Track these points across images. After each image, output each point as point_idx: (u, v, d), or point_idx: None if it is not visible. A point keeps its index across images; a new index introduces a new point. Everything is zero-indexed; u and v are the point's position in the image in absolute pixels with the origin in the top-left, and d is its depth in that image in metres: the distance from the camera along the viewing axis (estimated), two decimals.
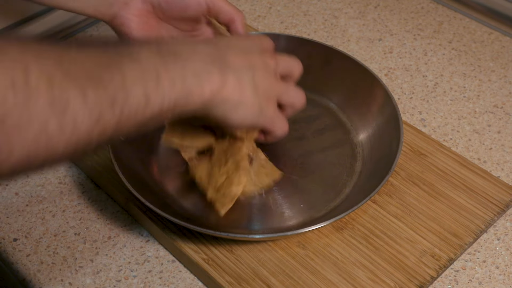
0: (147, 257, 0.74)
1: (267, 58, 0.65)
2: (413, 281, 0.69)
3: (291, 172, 0.79)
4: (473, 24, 1.06)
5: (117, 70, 0.50)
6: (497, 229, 0.77)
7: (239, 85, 0.61)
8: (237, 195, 0.71)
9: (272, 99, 0.65)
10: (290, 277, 0.69)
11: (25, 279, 0.72)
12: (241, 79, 0.61)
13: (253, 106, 0.62)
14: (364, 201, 0.70)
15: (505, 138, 0.88)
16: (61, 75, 0.46)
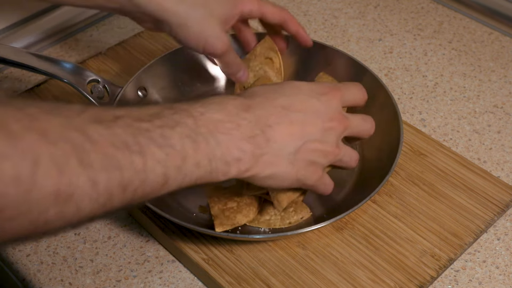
0: (147, 257, 0.74)
1: (334, 123, 0.63)
2: (413, 281, 0.69)
3: None
4: (473, 24, 1.06)
5: (139, 154, 0.49)
6: (497, 229, 0.77)
7: (274, 160, 0.60)
8: (240, 224, 0.72)
9: (320, 167, 0.64)
10: (290, 277, 0.69)
11: (25, 279, 0.72)
12: (278, 154, 0.60)
13: (288, 175, 0.61)
14: (364, 201, 0.70)
15: (505, 138, 0.88)
16: (75, 163, 0.44)
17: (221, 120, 0.56)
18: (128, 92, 0.82)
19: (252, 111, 0.59)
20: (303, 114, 0.62)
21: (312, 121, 0.62)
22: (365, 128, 0.68)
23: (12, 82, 0.96)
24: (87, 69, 0.81)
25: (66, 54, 1.01)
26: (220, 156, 0.55)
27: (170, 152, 0.51)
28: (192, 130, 0.54)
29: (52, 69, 0.80)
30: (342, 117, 0.65)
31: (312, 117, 0.62)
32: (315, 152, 0.62)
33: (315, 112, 0.63)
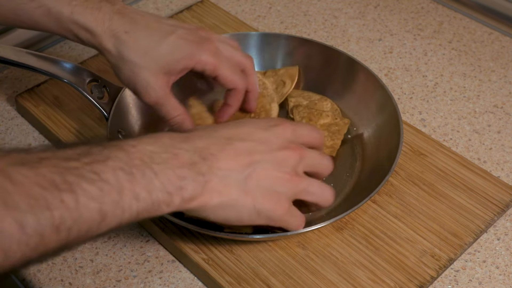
0: (147, 257, 0.74)
1: (287, 152, 0.61)
2: (413, 281, 0.69)
3: None
4: (473, 24, 1.06)
5: (70, 192, 0.47)
6: (497, 229, 0.77)
7: (222, 188, 0.57)
8: None
9: (284, 198, 0.61)
10: (290, 277, 0.69)
11: (25, 279, 0.72)
12: (226, 182, 0.57)
13: (244, 206, 0.58)
14: (364, 201, 0.70)
15: (505, 138, 0.88)
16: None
17: (156, 151, 0.54)
18: (128, 92, 0.82)
19: (191, 142, 0.57)
20: (248, 142, 0.60)
21: (261, 149, 0.60)
22: (323, 162, 0.65)
23: (12, 82, 0.96)
24: (87, 69, 0.81)
25: (66, 54, 1.01)
26: (160, 186, 0.53)
27: (104, 187, 0.49)
28: (125, 163, 0.51)
29: (52, 69, 0.80)
30: (295, 146, 0.62)
31: (259, 145, 0.60)
32: (270, 180, 0.59)
33: (263, 141, 0.60)
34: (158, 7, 1.10)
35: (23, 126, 0.90)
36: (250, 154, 0.59)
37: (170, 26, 0.72)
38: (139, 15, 0.72)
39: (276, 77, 0.88)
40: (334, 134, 0.81)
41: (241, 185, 0.58)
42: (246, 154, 0.59)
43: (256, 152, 0.59)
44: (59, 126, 0.86)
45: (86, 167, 0.49)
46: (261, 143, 0.60)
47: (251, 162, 0.59)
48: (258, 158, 0.59)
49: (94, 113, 0.87)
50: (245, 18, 1.07)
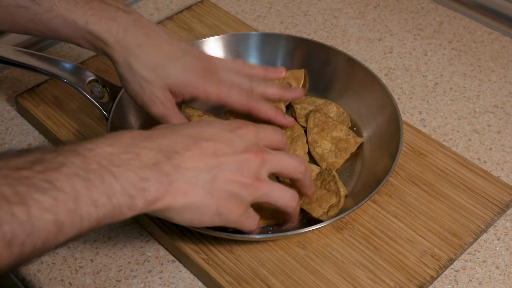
0: (147, 257, 0.74)
1: (249, 155, 0.60)
2: (413, 281, 0.69)
3: None
4: (473, 24, 1.06)
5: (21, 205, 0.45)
6: (497, 229, 0.77)
7: (188, 189, 0.55)
8: None
9: (243, 202, 0.60)
10: (290, 277, 0.69)
11: (25, 279, 0.72)
12: (192, 182, 0.56)
13: (208, 208, 0.57)
14: (364, 201, 0.70)
15: (505, 138, 0.88)
16: None
17: (115, 152, 0.52)
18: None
19: (154, 140, 0.56)
20: (213, 143, 0.59)
21: (225, 150, 0.59)
22: (290, 163, 0.64)
23: (12, 82, 0.96)
24: (87, 69, 0.81)
25: (66, 54, 1.01)
26: (120, 190, 0.51)
27: (58, 196, 0.47)
28: (81, 168, 0.49)
29: (52, 69, 0.80)
30: (258, 149, 0.61)
31: (224, 146, 0.59)
32: (234, 183, 0.58)
33: (227, 142, 0.60)
34: (158, 7, 1.10)
35: (23, 126, 0.90)
36: (216, 155, 0.58)
37: (180, 50, 0.73)
38: (153, 30, 0.73)
39: (282, 79, 0.88)
40: (340, 152, 0.80)
41: (206, 186, 0.57)
42: (211, 155, 0.58)
43: (221, 153, 0.58)
44: (59, 126, 0.86)
45: (39, 176, 0.47)
46: (225, 144, 0.59)
47: (217, 164, 0.58)
48: (223, 160, 0.58)
49: (94, 113, 0.87)
50: (245, 18, 1.07)
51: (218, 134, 0.60)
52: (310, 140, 0.80)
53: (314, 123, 0.81)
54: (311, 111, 0.83)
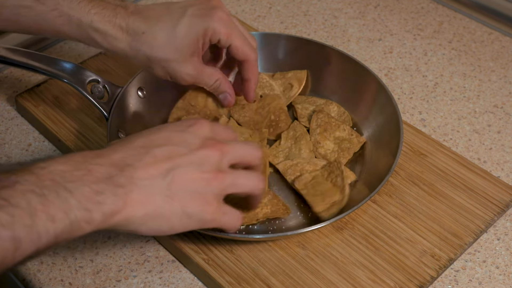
0: (147, 257, 0.74)
1: (206, 150, 0.59)
2: (413, 281, 0.69)
3: None
4: (473, 24, 1.06)
5: None
6: (497, 229, 0.77)
7: (145, 198, 0.55)
8: None
9: (212, 198, 0.59)
10: (290, 277, 0.69)
11: (25, 279, 0.72)
12: (148, 191, 0.55)
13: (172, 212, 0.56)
14: (364, 201, 0.70)
15: (505, 138, 0.88)
16: None
17: (67, 170, 0.52)
18: (128, 92, 0.82)
19: (105, 157, 0.55)
20: (167, 147, 0.58)
21: (179, 151, 0.58)
22: (249, 151, 0.62)
23: (12, 82, 0.96)
24: (87, 69, 0.81)
25: (66, 54, 1.01)
26: (76, 204, 0.50)
27: (14, 212, 0.47)
28: (35, 185, 0.49)
29: (52, 69, 0.80)
30: (214, 142, 0.60)
31: (178, 148, 0.58)
32: (194, 182, 0.57)
33: (181, 143, 0.59)
34: None
35: (23, 126, 0.90)
36: (170, 159, 0.57)
37: (180, 9, 0.73)
38: (150, 11, 0.73)
39: (284, 79, 0.88)
40: (343, 152, 0.80)
41: (164, 192, 0.56)
42: (165, 160, 0.57)
43: (176, 156, 0.57)
44: (59, 126, 0.86)
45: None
46: (179, 145, 0.58)
47: (172, 167, 0.57)
48: (179, 161, 0.57)
49: (94, 113, 0.87)
50: (245, 18, 1.07)
51: (170, 137, 0.59)
52: (313, 140, 0.80)
53: (317, 123, 0.81)
54: (314, 111, 0.83)
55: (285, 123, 0.83)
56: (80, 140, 0.84)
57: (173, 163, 0.57)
